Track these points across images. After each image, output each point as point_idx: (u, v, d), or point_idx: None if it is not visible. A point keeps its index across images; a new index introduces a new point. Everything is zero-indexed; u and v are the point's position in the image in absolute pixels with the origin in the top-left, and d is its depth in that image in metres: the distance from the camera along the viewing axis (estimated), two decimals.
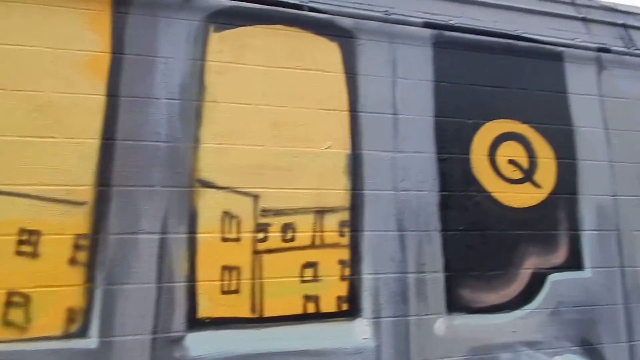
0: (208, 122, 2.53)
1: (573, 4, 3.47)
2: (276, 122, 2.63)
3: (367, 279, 2.64)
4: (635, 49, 3.53)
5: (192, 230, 2.40)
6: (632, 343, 3.10)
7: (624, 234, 3.23)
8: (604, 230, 3.18)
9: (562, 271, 3.03)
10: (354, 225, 2.66)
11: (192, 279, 2.36)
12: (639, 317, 3.14)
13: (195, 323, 2.33)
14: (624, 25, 3.56)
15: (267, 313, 2.45)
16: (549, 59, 3.30)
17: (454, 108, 3.00)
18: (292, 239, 2.54)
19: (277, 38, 2.73)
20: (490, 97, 3.11)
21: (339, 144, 2.71)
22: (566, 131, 3.24)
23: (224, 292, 2.39)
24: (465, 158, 2.97)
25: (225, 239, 2.43)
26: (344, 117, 2.76)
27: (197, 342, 2.32)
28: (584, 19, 3.46)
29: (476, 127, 3.03)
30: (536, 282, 2.96)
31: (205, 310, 2.36)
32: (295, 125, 2.66)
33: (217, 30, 2.66)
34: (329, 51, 2.81)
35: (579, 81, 3.35)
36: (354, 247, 2.65)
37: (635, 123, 3.44)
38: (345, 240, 2.64)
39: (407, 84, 2.93)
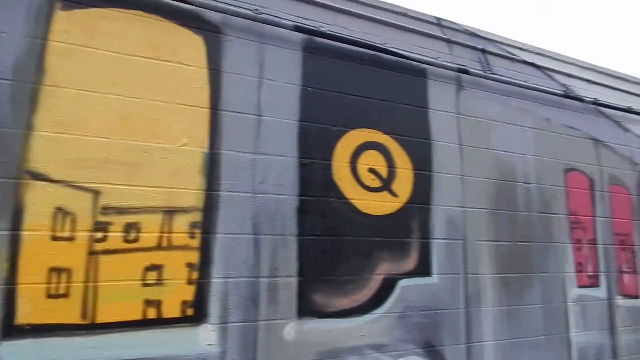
0: (45, 108, 2.29)
1: (439, 25, 3.67)
2: (126, 113, 2.46)
3: (216, 283, 2.56)
4: (491, 73, 3.83)
5: (15, 226, 2.15)
6: (470, 344, 3.34)
7: (469, 243, 3.48)
8: (452, 239, 3.40)
9: (411, 277, 3.18)
10: (206, 227, 2.57)
11: (11, 281, 2.12)
12: (477, 320, 3.40)
13: (12, 330, 2.09)
14: (483, 50, 3.85)
15: (101, 319, 2.27)
16: (413, 75, 3.46)
17: (319, 114, 3.03)
18: (135, 240, 2.39)
19: (135, 24, 2.56)
20: (355, 106, 3.18)
21: (195, 142, 2.60)
22: (424, 144, 3.42)
23: (50, 296, 2.17)
24: (327, 164, 3.01)
25: (55, 238, 2.21)
26: (204, 115, 2.66)
27: (13, 351, 2.08)
28: (448, 40, 3.68)
29: (340, 134, 3.08)
30: (387, 287, 3.08)
31: (25, 316, 2.12)
32: (148, 119, 2.50)
33: (65, 8, 2.42)
34: (193, 44, 2.69)
35: (440, 98, 3.55)
36: (205, 249, 2.55)
37: (487, 142, 3.72)
38: (196, 242, 2.54)
39: (273, 86, 2.89)
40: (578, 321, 3.89)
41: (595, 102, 4.40)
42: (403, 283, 3.14)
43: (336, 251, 2.95)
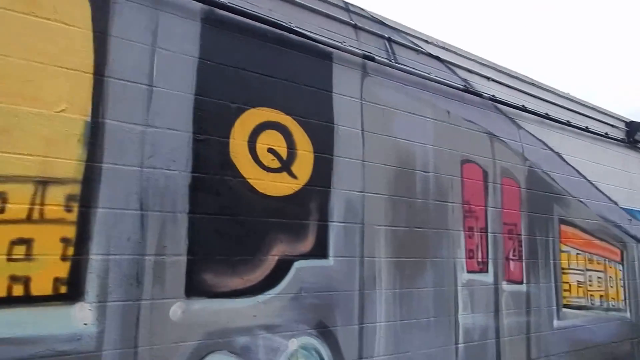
0: None
1: (347, 10, 3.69)
2: None
3: (95, 259, 2.40)
4: (396, 63, 3.92)
5: None
6: (363, 325, 3.42)
7: (367, 227, 3.55)
8: (350, 223, 3.45)
9: (307, 259, 3.19)
10: (85, 200, 2.40)
11: None
12: (371, 302, 3.49)
13: None
14: (389, 39, 3.93)
15: None
16: (318, 57, 3.45)
17: (217, 89, 2.93)
18: (1, 211, 2.18)
19: None
20: (257, 84, 3.12)
21: (76, 109, 2.42)
22: (327, 128, 3.43)
23: None
24: (225, 141, 2.93)
25: None
26: (87, 80, 2.47)
27: None
28: (355, 26, 3.71)
29: (239, 112, 3.01)
30: (282, 268, 3.06)
31: None
32: (20, 80, 2.28)
33: None
34: (77, 3, 2.49)
35: (344, 83, 3.57)
36: (83, 224, 2.39)
37: (388, 130, 3.81)
38: (73, 216, 2.36)
39: (167, 56, 2.76)
40: (466, 304, 4.11)
41: (493, 99, 4.65)
42: (298, 265, 3.14)
43: (230, 231, 2.88)
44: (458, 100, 4.39)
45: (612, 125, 6.13)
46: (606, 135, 5.93)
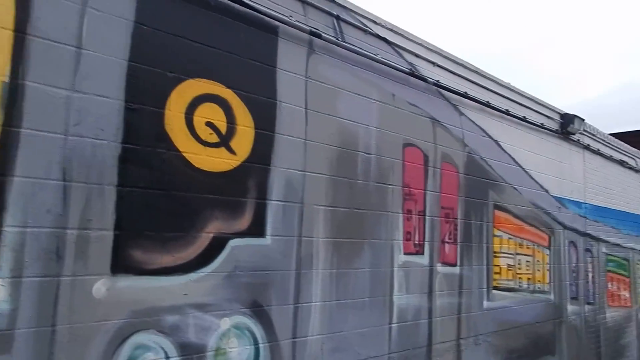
0: None
1: None
2: None
3: (9, 232, 2.23)
4: (343, 41, 3.86)
5: None
6: (297, 305, 3.41)
7: (306, 207, 3.51)
8: (289, 202, 3.41)
9: (243, 237, 3.12)
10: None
11: None
12: (307, 282, 3.48)
13: None
14: (337, 17, 3.85)
15: None
16: (263, 30, 3.34)
17: (154, 56, 2.77)
18: None
19: None
20: (197, 53, 2.98)
21: None
22: (269, 104, 3.34)
23: None
24: (159, 112, 2.78)
25: None
26: (5, 37, 2.26)
27: None
28: (303, 1, 3.62)
29: (176, 82, 2.87)
30: (216, 246, 2.98)
31: None
32: None
33: None
34: None
35: (289, 59, 3.48)
36: None
37: (333, 109, 3.77)
38: None
39: (99, 17, 2.57)
40: (401, 285, 4.19)
41: (437, 84, 4.70)
42: (234, 243, 3.07)
43: (162, 206, 2.77)
44: (403, 83, 4.40)
45: (548, 117, 6.38)
46: (542, 126, 6.17)
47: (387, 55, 4.25)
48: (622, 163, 8.14)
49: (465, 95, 4.99)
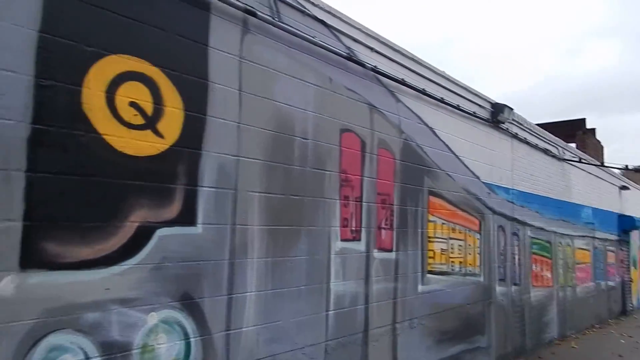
0: None
1: None
2: None
3: None
4: (279, 22, 3.70)
5: None
6: (231, 296, 3.27)
7: (240, 193, 3.36)
8: (222, 188, 3.24)
9: (172, 226, 2.93)
10: None
11: None
12: (242, 271, 3.34)
13: None
14: None
15: None
16: (194, 6, 3.13)
17: (70, 28, 2.50)
18: None
19: None
20: (121, 27, 2.73)
21: None
22: (200, 84, 3.14)
23: None
24: (76, 90, 2.52)
25: None
26: None
27: None
28: None
29: (96, 58, 2.61)
30: (142, 236, 2.77)
31: None
32: None
33: None
34: None
35: (222, 37, 3.29)
36: None
37: (269, 92, 3.62)
38: None
39: None
40: (338, 272, 4.15)
41: (375, 70, 4.66)
42: (162, 232, 2.87)
43: (80, 193, 2.53)
44: (341, 68, 4.32)
45: (480, 105, 6.55)
46: (474, 115, 6.32)
47: (325, 39, 4.14)
48: (546, 151, 8.55)
49: (402, 82, 4.99)
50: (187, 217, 3.02)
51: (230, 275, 3.26)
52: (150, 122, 2.85)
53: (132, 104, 2.76)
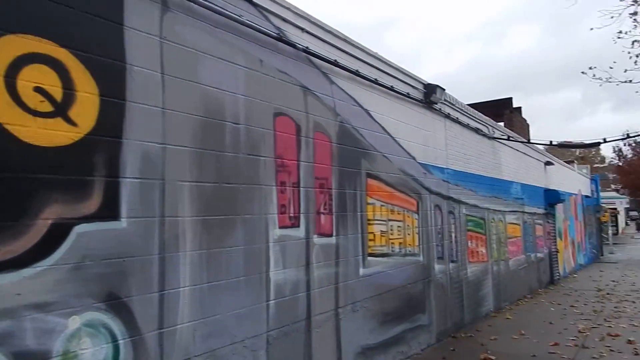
0: None
1: None
2: None
3: None
4: (203, 0, 3.49)
5: None
6: (163, 292, 3.08)
7: (168, 184, 3.16)
8: (148, 179, 3.03)
9: (92, 222, 2.70)
10: None
11: None
12: (173, 266, 3.15)
13: None
14: None
15: None
16: None
17: None
18: None
19: None
20: (18, 3, 2.44)
21: None
22: (117, 67, 2.90)
23: None
24: None
25: None
26: None
27: None
28: None
29: None
30: (57, 234, 2.53)
31: None
32: None
33: None
34: None
35: (139, 16, 3.05)
36: None
37: (194, 75, 3.41)
38: None
39: None
40: (277, 260, 4.03)
41: (307, 51, 4.54)
42: (80, 229, 2.63)
43: None
44: (272, 49, 4.16)
45: (413, 87, 6.60)
46: (408, 96, 6.36)
47: (253, 18, 3.96)
48: (477, 131, 8.80)
49: (335, 64, 4.90)
50: (108, 211, 2.79)
51: (161, 271, 3.07)
52: (61, 109, 2.58)
53: (38, 89, 2.49)
